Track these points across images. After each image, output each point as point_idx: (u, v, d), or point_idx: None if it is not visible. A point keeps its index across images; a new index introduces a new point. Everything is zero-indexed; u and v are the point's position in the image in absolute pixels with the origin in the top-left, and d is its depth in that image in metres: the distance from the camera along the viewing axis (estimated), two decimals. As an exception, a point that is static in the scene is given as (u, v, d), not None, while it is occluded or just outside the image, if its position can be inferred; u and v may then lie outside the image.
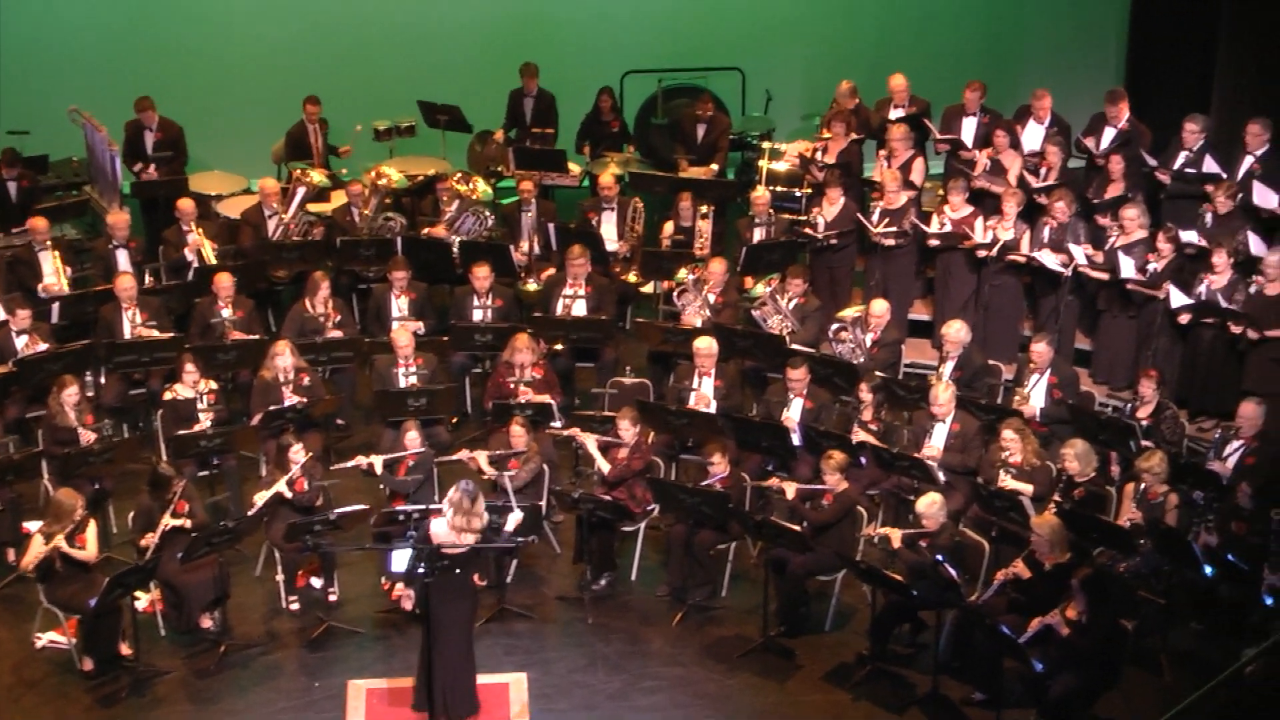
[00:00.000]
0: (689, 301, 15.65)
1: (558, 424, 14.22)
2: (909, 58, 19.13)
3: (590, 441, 13.68)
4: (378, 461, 13.51)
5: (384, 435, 14.32)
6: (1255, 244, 14.90)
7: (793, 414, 14.16)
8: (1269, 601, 11.98)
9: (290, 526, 12.69)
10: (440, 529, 11.55)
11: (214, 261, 16.15)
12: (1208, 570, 12.03)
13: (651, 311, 16.82)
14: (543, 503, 13.69)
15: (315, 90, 18.45)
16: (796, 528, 12.64)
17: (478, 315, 15.66)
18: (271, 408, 14.14)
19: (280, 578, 13.25)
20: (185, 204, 16.66)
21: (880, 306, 15.17)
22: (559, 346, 15.50)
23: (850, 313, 15.49)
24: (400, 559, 12.17)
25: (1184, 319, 14.72)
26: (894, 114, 17.50)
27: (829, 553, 12.82)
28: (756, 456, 14.12)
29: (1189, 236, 15.21)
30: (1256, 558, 12.18)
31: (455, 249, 16.66)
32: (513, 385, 14.50)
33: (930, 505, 12.49)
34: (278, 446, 13.43)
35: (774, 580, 12.91)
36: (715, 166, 18.45)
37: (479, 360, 15.74)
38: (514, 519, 12.27)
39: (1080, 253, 15.24)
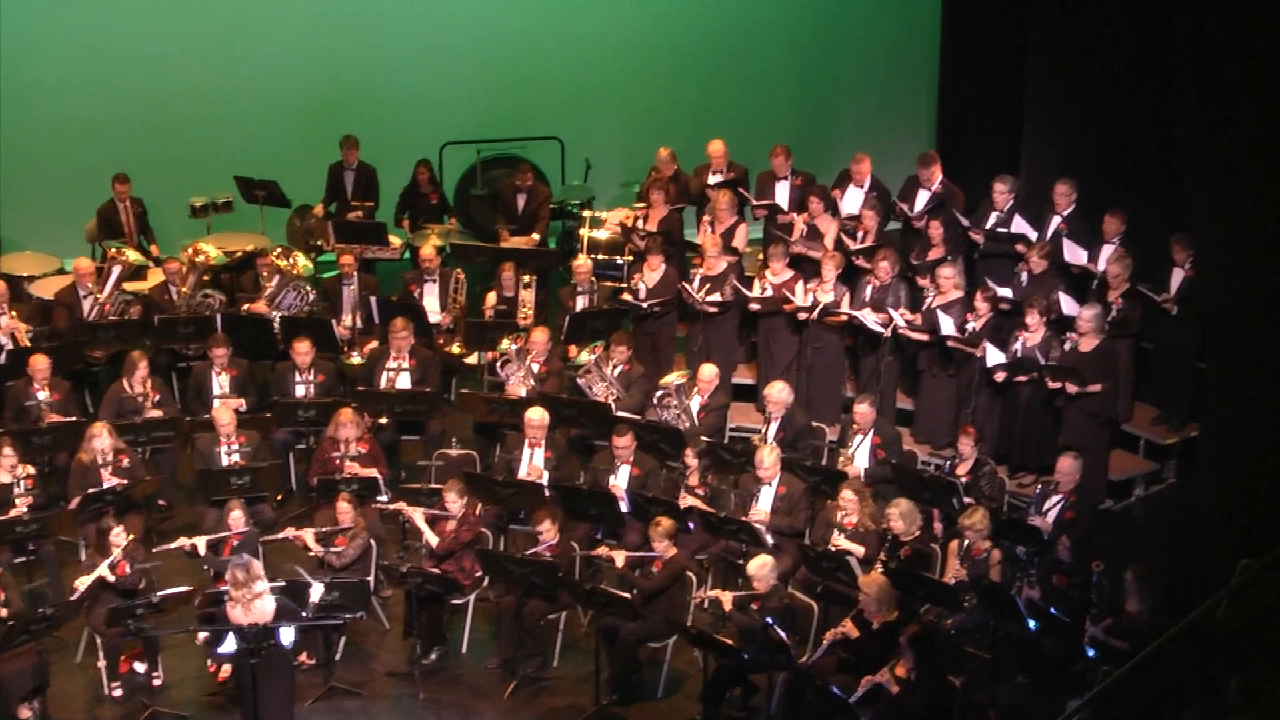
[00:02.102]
0: (513, 371, 15.63)
1: (384, 498, 14.11)
2: (726, 124, 19.32)
3: (417, 515, 13.59)
4: (201, 542, 13.30)
5: (207, 515, 14.11)
6: (1068, 304, 15.20)
7: (620, 481, 14.18)
8: (1091, 653, 12.13)
9: (112, 611, 12.44)
10: (236, 613, 11.53)
11: (27, 344, 15.83)
12: (1031, 624, 12.16)
13: (476, 382, 16.75)
14: (370, 578, 13.55)
15: (130, 167, 18.21)
16: (626, 595, 12.62)
17: (300, 391, 15.51)
18: (90, 491, 13.86)
19: (102, 664, 12.95)
20: (-2, 286, 16.35)
21: (709, 371, 15.28)
22: (383, 420, 15.39)
23: (674, 379, 15.53)
24: (226, 640, 11.97)
25: (1000, 377, 14.95)
26: (713, 179, 17.65)
27: (659, 619, 12.83)
28: (585, 525, 14.11)
29: (1004, 293, 15.50)
30: (1078, 610, 12.36)
31: (276, 325, 16.51)
32: (337, 460, 14.38)
33: (761, 567, 12.55)
34: (98, 530, 13.17)
35: (605, 648, 12.86)
36: (536, 236, 18.49)
37: (303, 436, 15.53)
38: (316, 591, 12.22)
39: (899, 317, 15.45)
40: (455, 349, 16.81)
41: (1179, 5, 15.11)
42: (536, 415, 14.46)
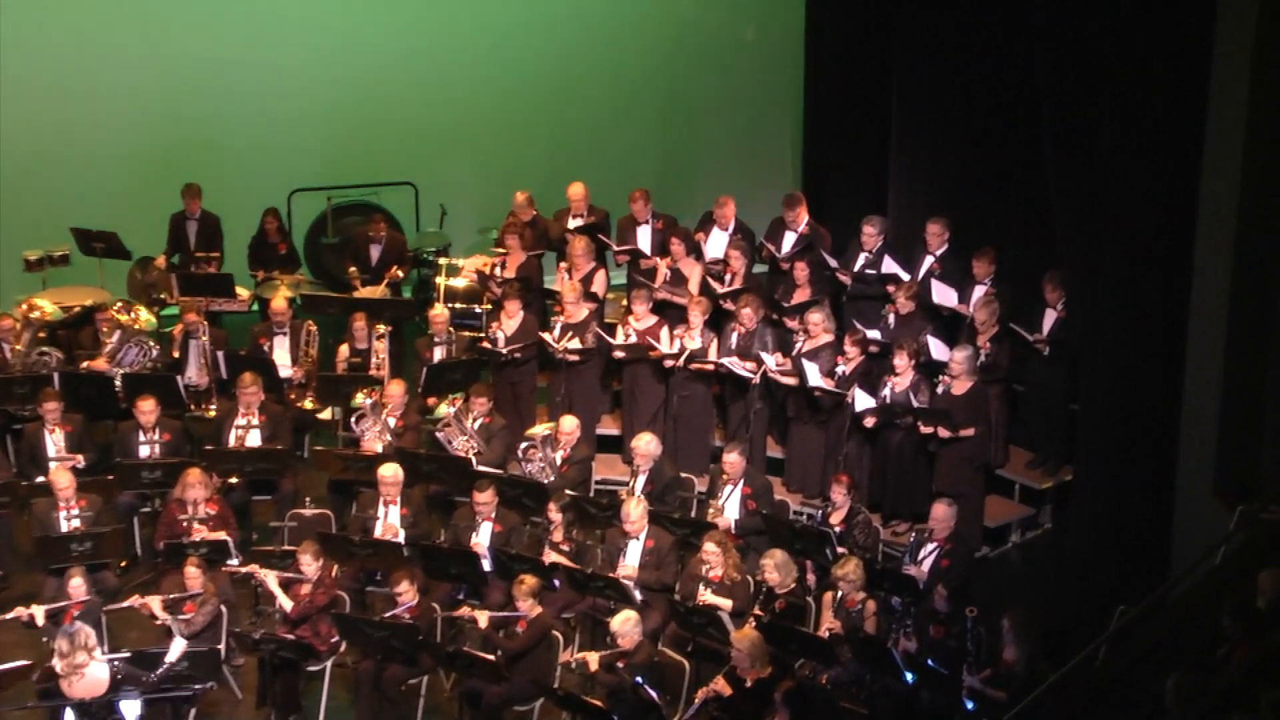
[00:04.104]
0: (368, 426, 15.28)
1: (235, 561, 13.72)
2: (586, 167, 19.11)
3: (270, 578, 13.22)
4: (39, 612, 12.83)
5: (46, 584, 13.59)
6: (936, 348, 15.13)
7: (482, 539, 13.91)
8: (970, 705, 11.97)
9: (-57, 690, 11.91)
10: (65, 686, 11.25)
11: None
12: (909, 677, 12.02)
13: (330, 439, 16.41)
14: (221, 646, 13.17)
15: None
16: (490, 657, 12.40)
17: (145, 451, 15.04)
18: (-80, 563, 13.31)
19: (-66, 746, 12.38)
20: None
21: (570, 423, 15.04)
22: (233, 480, 14.96)
23: (540, 430, 15.30)
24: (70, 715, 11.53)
25: (869, 422, 14.80)
26: (573, 223, 17.43)
27: (525, 681, 12.59)
28: (446, 585, 13.82)
29: (873, 336, 15.38)
30: (955, 661, 12.20)
31: (118, 382, 16.01)
32: (185, 523, 13.96)
33: (625, 623, 12.37)
34: (-71, 605, 12.62)
35: (469, 713, 12.66)
36: (385, 289, 18.08)
37: (148, 499, 15.07)
38: (177, 647, 11.98)
39: (771, 361, 15.26)
40: (308, 404, 16.43)
41: (1042, 46, 15.08)
42: (389, 472, 14.17)
